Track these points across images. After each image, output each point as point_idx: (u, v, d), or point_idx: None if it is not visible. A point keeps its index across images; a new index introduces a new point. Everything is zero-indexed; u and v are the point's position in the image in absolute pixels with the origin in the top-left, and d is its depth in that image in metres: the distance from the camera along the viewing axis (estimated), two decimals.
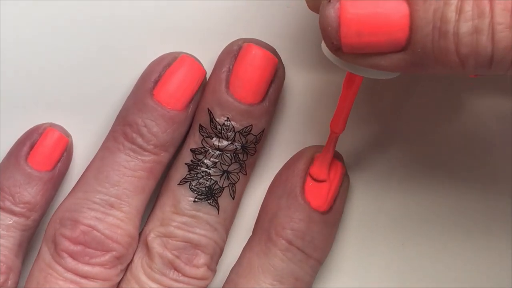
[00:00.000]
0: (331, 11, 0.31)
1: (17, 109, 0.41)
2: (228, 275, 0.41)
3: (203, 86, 0.40)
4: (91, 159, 0.40)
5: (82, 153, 0.41)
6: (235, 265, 0.41)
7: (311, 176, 0.40)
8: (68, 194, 0.40)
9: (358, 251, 0.43)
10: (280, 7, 0.41)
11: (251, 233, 0.41)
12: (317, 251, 0.40)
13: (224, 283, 0.41)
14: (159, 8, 0.40)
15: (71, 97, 0.41)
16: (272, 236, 0.40)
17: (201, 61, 0.40)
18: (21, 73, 0.41)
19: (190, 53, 0.40)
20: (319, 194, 0.40)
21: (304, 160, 0.41)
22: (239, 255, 0.41)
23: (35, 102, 0.41)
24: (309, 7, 0.35)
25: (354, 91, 0.37)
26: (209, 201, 0.39)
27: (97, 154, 0.40)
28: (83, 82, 0.41)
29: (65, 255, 0.38)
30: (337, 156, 0.41)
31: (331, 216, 0.40)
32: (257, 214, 0.42)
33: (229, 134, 0.39)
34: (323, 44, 0.34)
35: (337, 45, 0.31)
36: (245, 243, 0.41)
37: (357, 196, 0.43)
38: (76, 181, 0.40)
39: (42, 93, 0.41)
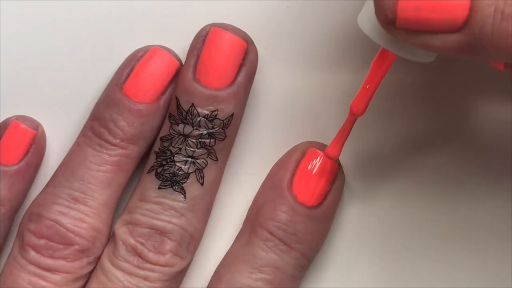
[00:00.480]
0: None
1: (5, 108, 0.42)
2: (216, 267, 0.41)
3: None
4: None
5: (64, 149, 0.42)
6: (223, 257, 0.41)
7: (325, 154, 0.39)
8: (41, 190, 0.41)
9: (358, 251, 0.43)
10: (280, 7, 0.41)
11: None
12: (301, 244, 0.40)
13: (212, 275, 0.41)
14: (157, 7, 0.41)
15: (53, 94, 0.42)
16: (256, 227, 0.40)
17: None
18: (5, 70, 0.41)
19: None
20: (306, 188, 0.40)
21: (295, 155, 0.41)
22: None
23: (20, 99, 0.42)
24: None
25: (384, 70, 0.36)
26: (173, 187, 0.39)
27: (69, 150, 0.41)
28: (64, 79, 0.42)
29: (29, 248, 0.39)
30: None
31: (320, 212, 0.40)
32: None
33: (194, 119, 0.39)
34: (360, 17, 0.34)
35: (391, 18, 0.30)
36: None
37: (356, 196, 0.43)
38: None
39: (25, 90, 0.42)
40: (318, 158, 0.40)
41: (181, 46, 0.41)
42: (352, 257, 0.43)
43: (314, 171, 0.40)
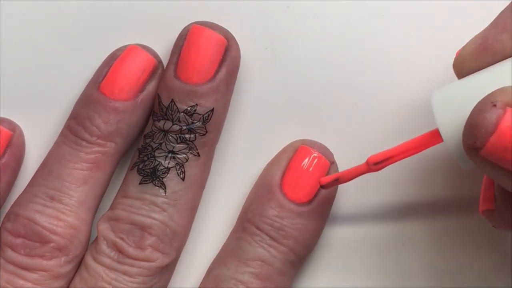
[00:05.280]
0: (493, 116, 0.31)
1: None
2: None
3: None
4: None
5: (47, 151, 0.41)
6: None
7: (319, 183, 0.40)
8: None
9: (357, 251, 0.42)
10: (280, 7, 0.42)
11: None
12: (289, 239, 0.40)
13: None
14: (154, 6, 0.42)
15: (37, 95, 0.42)
16: (244, 223, 0.40)
17: None
18: None
19: None
20: (296, 185, 0.40)
21: (287, 152, 0.41)
22: None
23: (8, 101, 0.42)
24: (456, 66, 0.36)
25: (424, 148, 0.37)
26: (154, 182, 0.40)
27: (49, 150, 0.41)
28: (47, 80, 0.42)
29: (7, 247, 0.39)
30: (322, 151, 0.41)
31: (310, 209, 0.40)
32: None
33: (174, 115, 0.39)
34: (438, 95, 0.34)
35: (478, 147, 0.31)
36: None
37: (355, 196, 0.42)
38: None
39: (9, 91, 0.42)
40: (310, 155, 0.40)
41: None
42: (351, 257, 0.42)
43: (304, 168, 0.40)
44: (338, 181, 0.39)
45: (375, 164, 0.37)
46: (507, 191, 0.34)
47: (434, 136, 0.36)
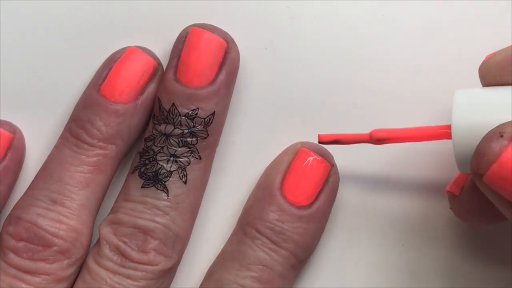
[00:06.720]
0: (497, 146, 0.32)
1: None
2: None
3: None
4: None
5: (47, 154, 0.42)
6: (216, 256, 0.41)
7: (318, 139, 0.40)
8: (23, 194, 0.41)
9: (357, 251, 0.42)
10: (280, 7, 0.42)
11: None
12: (290, 243, 0.39)
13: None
14: (149, 7, 0.42)
15: (36, 97, 0.42)
16: (245, 226, 0.40)
17: None
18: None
19: None
20: (296, 188, 0.40)
21: (288, 155, 0.41)
22: None
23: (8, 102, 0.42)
24: (482, 71, 0.36)
25: (428, 139, 0.37)
26: (156, 186, 0.40)
27: (49, 153, 0.41)
28: (47, 82, 0.42)
29: (8, 251, 0.39)
30: (322, 153, 0.41)
31: (311, 212, 0.40)
32: None
33: (176, 119, 0.39)
34: (456, 121, 0.35)
35: (480, 174, 0.32)
36: None
37: (355, 197, 0.42)
38: None
39: (8, 93, 0.42)
40: (310, 158, 0.40)
41: None
42: (351, 258, 0.42)
43: (305, 171, 0.40)
44: (337, 142, 0.39)
45: (377, 140, 0.38)
46: (476, 189, 0.34)
47: (443, 132, 0.36)
